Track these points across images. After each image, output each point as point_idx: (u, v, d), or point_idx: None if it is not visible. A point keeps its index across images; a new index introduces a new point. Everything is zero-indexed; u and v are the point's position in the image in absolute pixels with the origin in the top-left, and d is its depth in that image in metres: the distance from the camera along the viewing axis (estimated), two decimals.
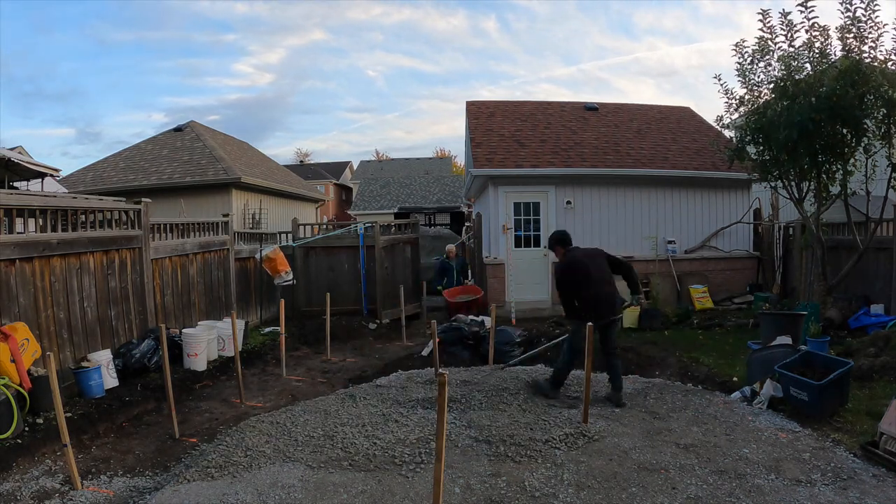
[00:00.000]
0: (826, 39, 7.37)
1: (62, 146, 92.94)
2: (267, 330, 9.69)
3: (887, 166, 7.33)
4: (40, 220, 5.60)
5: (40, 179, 9.67)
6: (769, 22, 7.64)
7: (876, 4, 6.93)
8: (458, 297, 10.26)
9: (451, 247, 11.87)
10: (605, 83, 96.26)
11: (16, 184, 9.51)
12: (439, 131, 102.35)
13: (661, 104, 15.46)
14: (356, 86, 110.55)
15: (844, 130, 7.20)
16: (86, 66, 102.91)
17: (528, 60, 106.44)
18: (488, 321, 7.79)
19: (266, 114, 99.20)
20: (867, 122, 7.12)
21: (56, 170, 9.43)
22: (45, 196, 6.19)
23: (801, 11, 7.33)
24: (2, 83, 72.76)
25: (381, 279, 10.41)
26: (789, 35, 7.54)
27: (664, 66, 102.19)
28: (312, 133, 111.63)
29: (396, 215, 20.66)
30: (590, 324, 4.71)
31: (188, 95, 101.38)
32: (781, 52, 7.63)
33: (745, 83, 8.08)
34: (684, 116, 14.43)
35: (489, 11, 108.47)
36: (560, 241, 5.68)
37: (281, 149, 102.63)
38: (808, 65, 7.47)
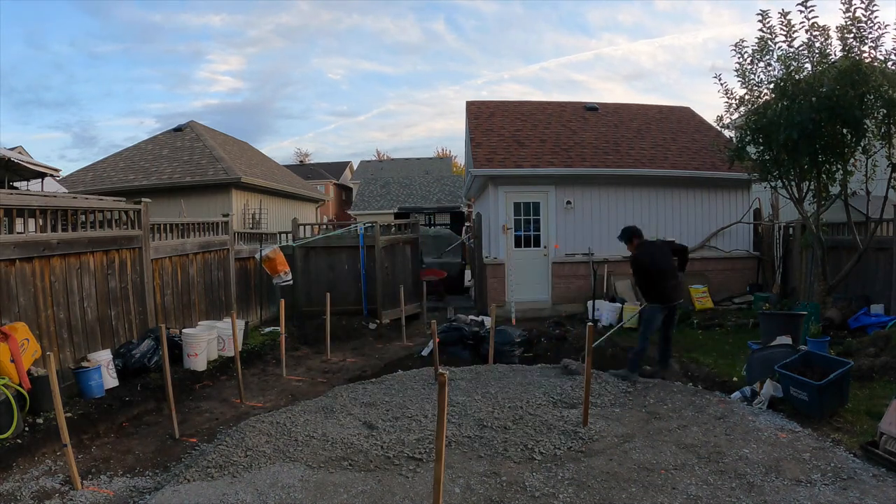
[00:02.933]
0: (826, 39, 7.37)
1: (59, 150, 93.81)
2: (267, 330, 9.69)
3: (887, 166, 7.33)
4: (40, 220, 5.60)
5: (40, 179, 9.66)
6: (769, 22, 7.64)
7: (875, 5, 6.93)
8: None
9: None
10: (574, 83, 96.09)
11: (16, 184, 9.50)
12: (417, 132, 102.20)
13: (660, 104, 15.48)
14: (327, 90, 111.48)
15: (844, 130, 7.20)
16: (79, 76, 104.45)
17: (488, 61, 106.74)
18: (488, 321, 7.79)
19: (252, 119, 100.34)
20: (867, 122, 7.11)
21: (56, 170, 9.43)
22: (45, 196, 6.18)
23: (801, 11, 7.34)
24: (2, 92, 73.23)
25: (381, 279, 10.42)
26: (789, 35, 7.54)
27: (630, 63, 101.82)
28: (296, 135, 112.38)
29: (396, 215, 20.62)
30: (590, 323, 4.70)
31: (177, 101, 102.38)
32: (781, 53, 7.63)
33: (744, 83, 8.07)
34: (684, 116, 14.43)
35: (437, 13, 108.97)
36: (636, 233, 6.47)
37: (269, 151, 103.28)
38: (807, 65, 7.47)
